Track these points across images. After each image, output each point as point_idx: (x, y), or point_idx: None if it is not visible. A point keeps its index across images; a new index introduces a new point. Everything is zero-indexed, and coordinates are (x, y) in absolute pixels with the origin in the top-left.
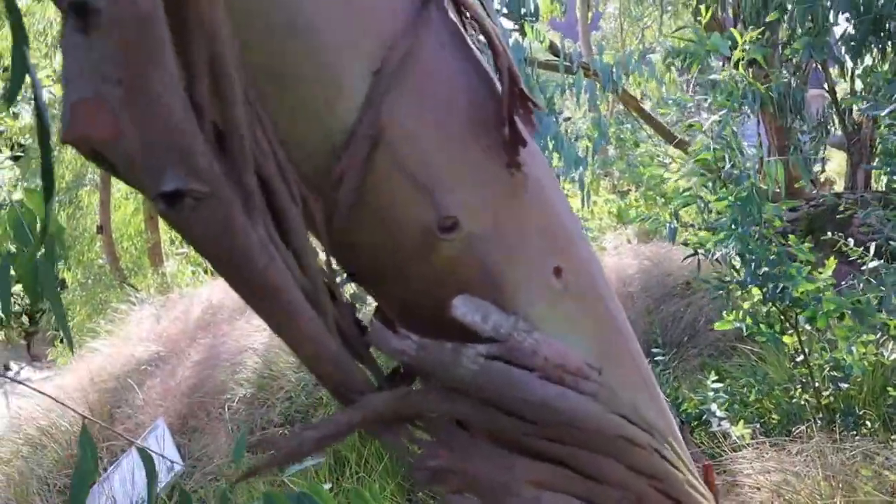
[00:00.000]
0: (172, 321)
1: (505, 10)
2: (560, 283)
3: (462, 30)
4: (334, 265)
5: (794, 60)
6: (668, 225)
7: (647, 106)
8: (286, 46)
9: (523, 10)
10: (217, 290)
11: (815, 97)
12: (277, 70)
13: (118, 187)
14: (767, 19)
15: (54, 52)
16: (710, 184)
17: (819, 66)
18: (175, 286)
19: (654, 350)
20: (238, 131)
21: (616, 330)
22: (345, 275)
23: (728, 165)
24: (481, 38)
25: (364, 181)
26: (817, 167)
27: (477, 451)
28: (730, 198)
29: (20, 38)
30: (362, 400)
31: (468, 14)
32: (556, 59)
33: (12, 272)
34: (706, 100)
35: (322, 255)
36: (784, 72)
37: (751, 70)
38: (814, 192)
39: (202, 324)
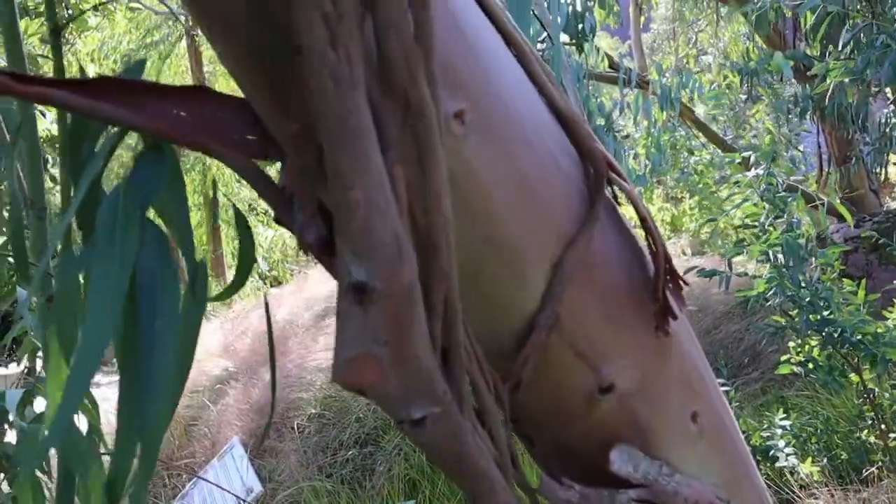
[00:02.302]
0: (239, 336)
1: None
2: (696, 427)
3: (617, 209)
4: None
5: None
6: (722, 276)
7: (699, 111)
8: (482, 252)
9: (580, 26)
10: (281, 307)
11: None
12: (472, 272)
13: None
14: (835, 51)
15: (122, 69)
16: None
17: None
18: (238, 297)
19: (719, 381)
20: (459, 352)
21: (739, 458)
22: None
23: (771, 217)
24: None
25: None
26: (877, 169)
27: None
28: (762, 245)
29: (248, 258)
30: None
31: (625, 195)
32: (613, 72)
33: None
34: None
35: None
36: (846, 81)
37: (813, 82)
38: (876, 204)
39: None
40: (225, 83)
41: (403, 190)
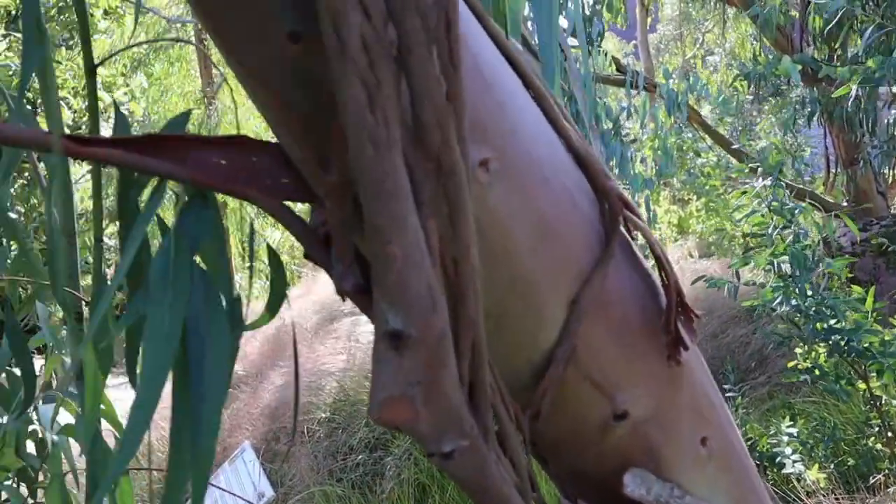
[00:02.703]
0: (247, 339)
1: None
2: (706, 451)
3: (631, 245)
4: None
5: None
6: (728, 285)
7: (706, 112)
8: (506, 295)
9: (588, 29)
10: (289, 309)
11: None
12: (495, 311)
13: None
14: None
15: (131, 73)
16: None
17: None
18: (245, 299)
19: (725, 387)
20: (484, 389)
21: (745, 475)
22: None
23: (779, 228)
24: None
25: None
26: (885, 170)
27: None
28: (768, 255)
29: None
30: None
31: (639, 231)
32: (620, 75)
33: None
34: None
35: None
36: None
37: (820, 85)
38: (884, 206)
39: (279, 344)
40: (232, 85)
41: (436, 243)
